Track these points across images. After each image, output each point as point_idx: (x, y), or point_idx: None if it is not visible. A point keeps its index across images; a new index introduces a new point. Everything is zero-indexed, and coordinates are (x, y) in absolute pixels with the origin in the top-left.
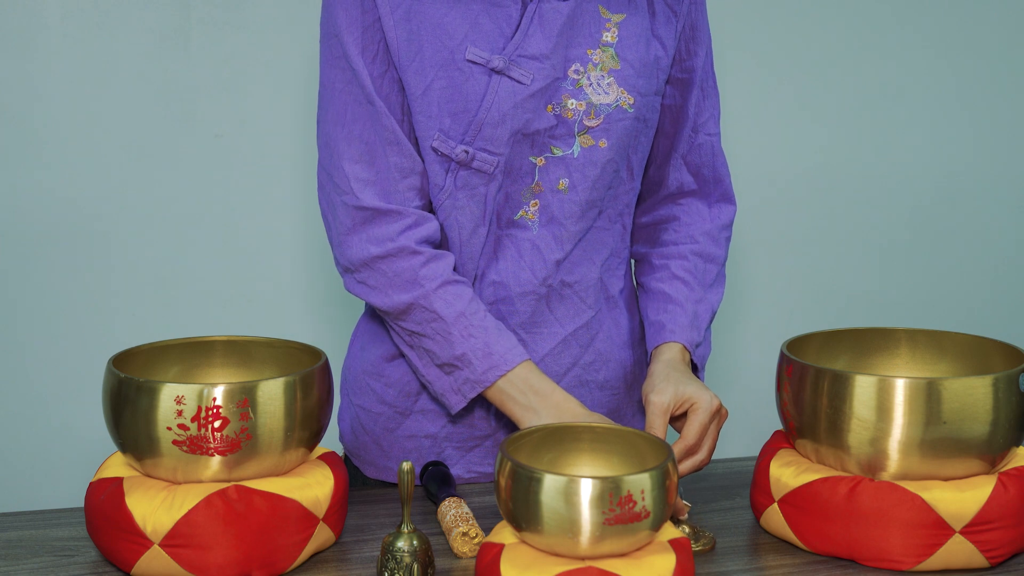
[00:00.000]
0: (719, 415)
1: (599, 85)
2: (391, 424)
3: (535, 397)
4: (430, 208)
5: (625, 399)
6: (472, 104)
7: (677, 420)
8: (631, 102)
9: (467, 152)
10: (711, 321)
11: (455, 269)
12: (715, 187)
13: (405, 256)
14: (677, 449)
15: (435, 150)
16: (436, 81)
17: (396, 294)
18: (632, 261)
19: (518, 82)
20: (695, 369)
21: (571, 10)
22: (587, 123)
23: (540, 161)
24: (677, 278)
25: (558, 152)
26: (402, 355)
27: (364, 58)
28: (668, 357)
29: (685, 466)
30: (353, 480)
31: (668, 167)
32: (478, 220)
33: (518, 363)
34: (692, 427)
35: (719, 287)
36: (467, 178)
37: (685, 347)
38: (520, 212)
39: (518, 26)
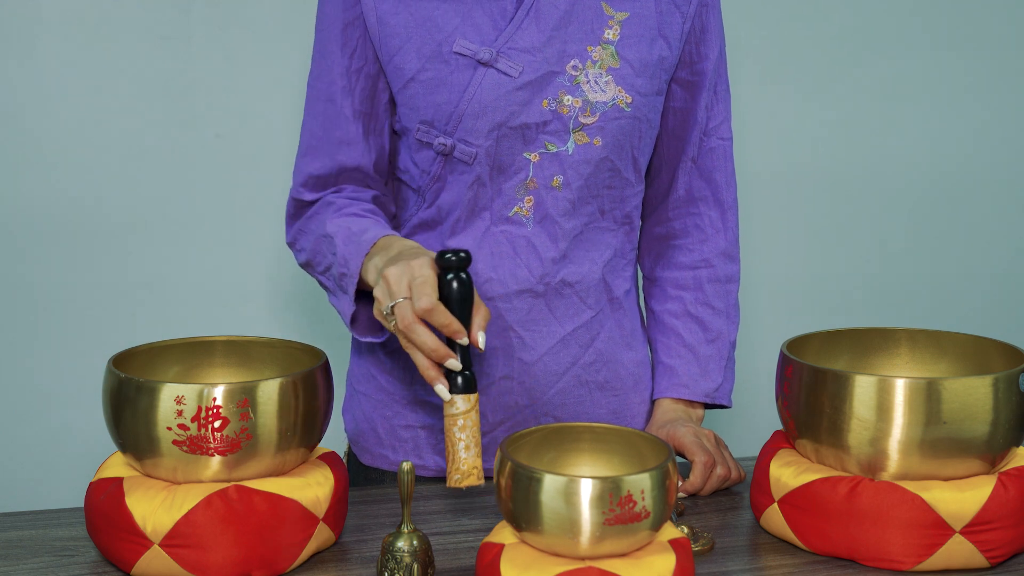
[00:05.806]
0: (715, 474)
1: (596, 83)
2: (388, 412)
3: (383, 250)
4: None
5: (627, 400)
6: (455, 96)
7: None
8: (629, 101)
9: (445, 144)
10: (733, 350)
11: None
12: (727, 192)
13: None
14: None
15: (419, 140)
16: (421, 73)
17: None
18: (639, 270)
19: (505, 74)
20: (720, 404)
21: (570, 5)
22: (582, 120)
23: (535, 157)
24: (690, 316)
25: (552, 148)
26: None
27: (343, 52)
28: (670, 407)
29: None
30: (354, 473)
31: (678, 170)
32: (454, 204)
33: (379, 238)
34: (694, 481)
35: (737, 313)
36: (452, 166)
37: (694, 402)
38: (515, 208)
39: (512, 19)
